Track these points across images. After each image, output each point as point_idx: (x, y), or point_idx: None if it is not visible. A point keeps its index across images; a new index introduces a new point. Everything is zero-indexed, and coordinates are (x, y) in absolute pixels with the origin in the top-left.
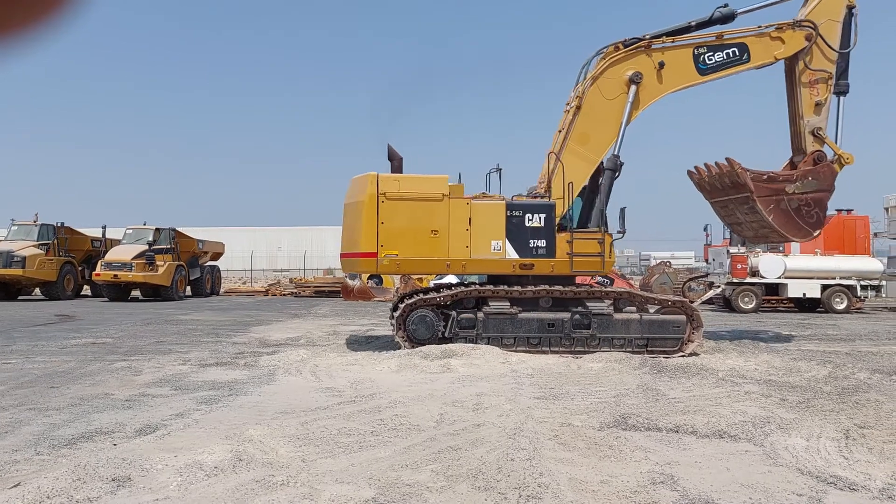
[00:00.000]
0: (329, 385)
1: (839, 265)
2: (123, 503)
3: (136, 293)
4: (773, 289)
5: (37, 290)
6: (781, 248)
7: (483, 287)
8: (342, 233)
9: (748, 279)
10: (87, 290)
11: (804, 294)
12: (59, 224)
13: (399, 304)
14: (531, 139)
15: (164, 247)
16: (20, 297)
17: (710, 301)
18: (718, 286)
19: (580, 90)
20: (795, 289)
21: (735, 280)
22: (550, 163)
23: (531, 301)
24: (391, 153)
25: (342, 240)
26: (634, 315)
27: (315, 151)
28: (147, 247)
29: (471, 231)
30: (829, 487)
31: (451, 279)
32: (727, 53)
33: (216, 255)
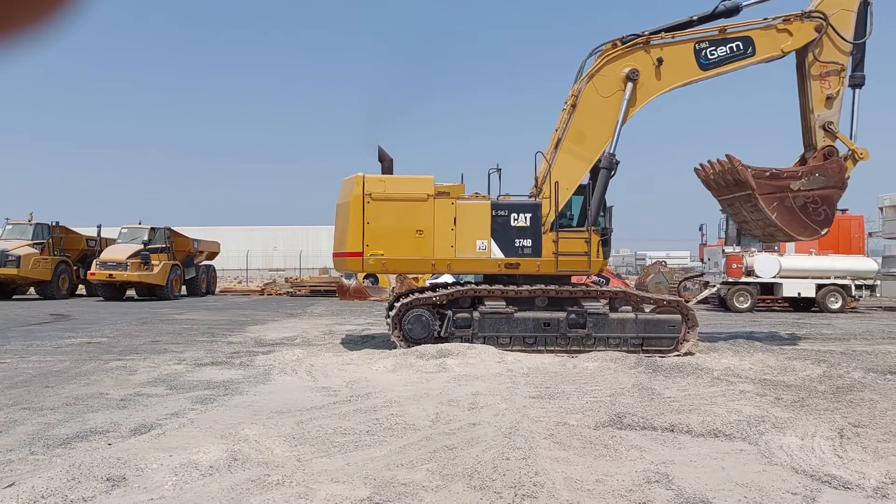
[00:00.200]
0: (325, 384)
1: (834, 265)
2: (118, 503)
3: (132, 293)
4: (768, 288)
5: (31, 290)
6: (776, 248)
7: (479, 286)
8: (334, 233)
9: (743, 279)
10: (82, 290)
11: (799, 294)
12: (54, 223)
13: (395, 304)
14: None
15: (160, 246)
16: (15, 297)
17: (706, 300)
18: (714, 286)
19: (576, 88)
20: (790, 288)
21: (730, 279)
22: (541, 163)
23: (527, 300)
24: (381, 154)
25: (334, 239)
26: (630, 314)
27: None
28: (142, 246)
29: (456, 231)
30: (824, 486)
31: (447, 278)
32: (730, 48)
33: (212, 255)
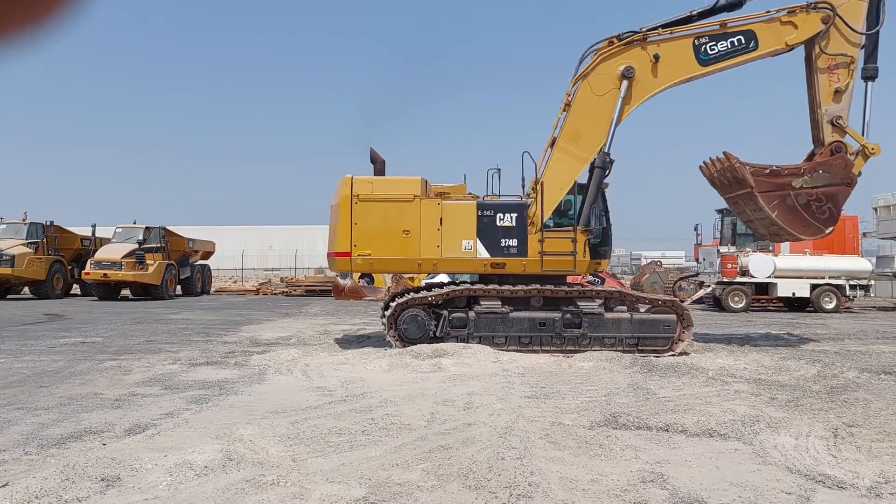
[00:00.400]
0: (320, 384)
1: (828, 265)
2: (113, 503)
3: (126, 292)
4: (763, 288)
5: (26, 289)
6: (771, 248)
7: (474, 286)
8: (328, 233)
9: (738, 279)
10: (77, 289)
11: (794, 293)
12: (49, 223)
13: (390, 304)
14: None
15: (154, 245)
16: (9, 296)
17: (701, 300)
18: (709, 286)
19: (572, 87)
20: (785, 288)
21: (725, 279)
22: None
23: (522, 300)
24: (373, 156)
25: (328, 240)
26: (625, 314)
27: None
28: (137, 246)
29: (442, 231)
30: (818, 486)
31: (443, 278)
32: (732, 42)
33: (206, 254)
